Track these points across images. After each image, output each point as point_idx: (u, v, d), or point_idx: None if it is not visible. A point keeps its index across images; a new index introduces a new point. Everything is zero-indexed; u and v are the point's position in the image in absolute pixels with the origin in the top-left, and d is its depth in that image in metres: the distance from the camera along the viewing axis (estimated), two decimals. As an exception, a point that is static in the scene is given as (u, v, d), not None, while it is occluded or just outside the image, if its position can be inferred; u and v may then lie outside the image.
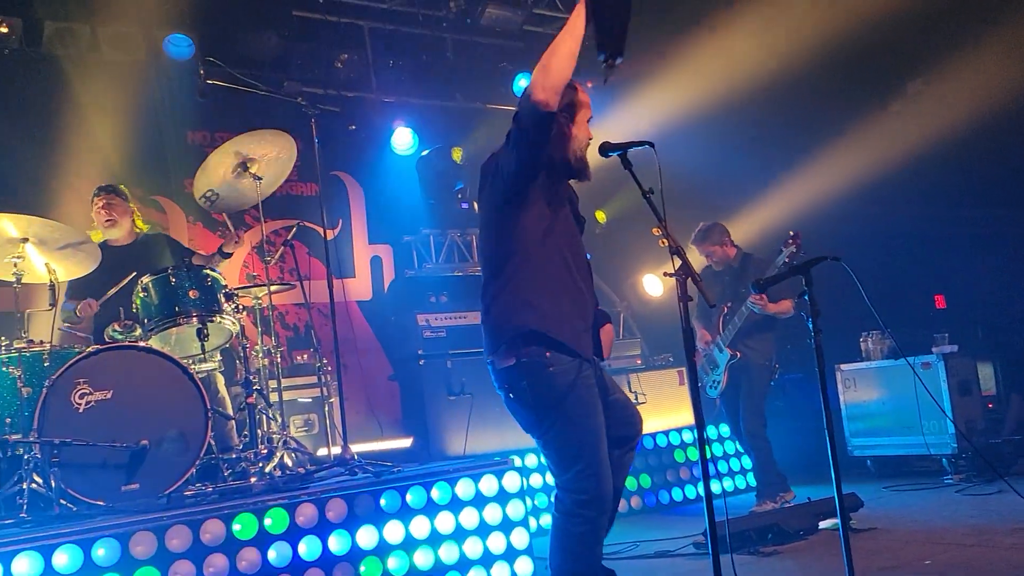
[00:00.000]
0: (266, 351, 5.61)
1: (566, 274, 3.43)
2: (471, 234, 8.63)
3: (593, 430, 3.34)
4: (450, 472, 4.67)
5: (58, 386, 4.33)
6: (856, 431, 7.60)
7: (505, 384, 3.42)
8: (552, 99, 3.19)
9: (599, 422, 3.36)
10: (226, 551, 3.93)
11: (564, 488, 3.40)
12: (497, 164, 3.45)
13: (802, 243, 5.86)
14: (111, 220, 5.68)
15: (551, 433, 3.38)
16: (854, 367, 7.62)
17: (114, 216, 5.70)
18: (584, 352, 3.41)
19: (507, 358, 3.37)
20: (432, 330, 7.17)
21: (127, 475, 4.36)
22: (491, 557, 4.63)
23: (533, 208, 3.41)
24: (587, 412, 3.34)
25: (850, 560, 3.38)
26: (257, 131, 5.34)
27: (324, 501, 4.23)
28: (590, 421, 3.34)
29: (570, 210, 3.55)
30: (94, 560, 3.66)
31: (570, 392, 3.30)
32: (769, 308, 6.05)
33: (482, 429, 6.76)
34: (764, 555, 4.88)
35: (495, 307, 3.44)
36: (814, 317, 3.49)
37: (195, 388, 4.63)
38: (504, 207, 3.44)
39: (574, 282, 3.44)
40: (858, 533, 5.14)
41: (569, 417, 3.32)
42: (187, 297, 4.96)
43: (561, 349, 3.33)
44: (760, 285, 3.90)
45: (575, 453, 3.33)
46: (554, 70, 3.17)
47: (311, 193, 8.23)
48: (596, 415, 3.36)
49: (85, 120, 7.16)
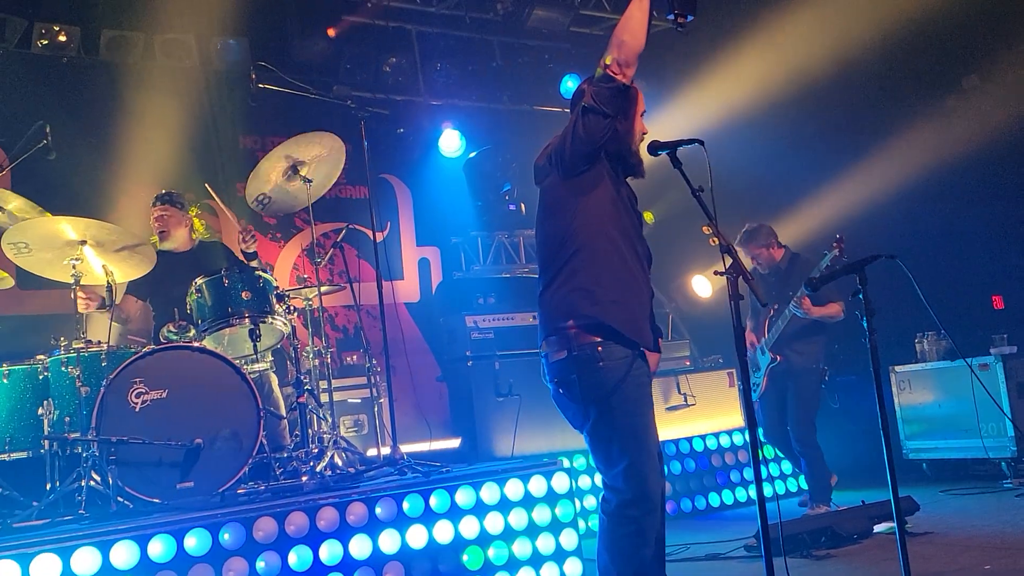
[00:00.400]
0: (316, 352, 5.67)
1: (627, 264, 3.35)
2: (519, 236, 8.64)
3: (640, 428, 3.26)
4: (499, 473, 4.67)
5: (115, 385, 4.42)
6: (912, 434, 7.46)
7: (556, 377, 3.37)
8: (627, 71, 3.19)
9: (648, 420, 3.28)
10: (278, 549, 3.98)
11: (609, 487, 3.34)
12: (560, 145, 3.38)
13: (845, 247, 5.72)
14: (164, 232, 5.76)
15: (597, 428, 3.30)
16: (909, 368, 7.48)
17: (167, 228, 5.76)
18: (642, 341, 3.34)
19: (559, 351, 3.32)
20: (480, 331, 7.18)
21: (182, 473, 4.43)
22: (540, 557, 4.63)
23: (595, 194, 3.35)
24: (635, 409, 3.27)
25: (906, 565, 3.32)
26: (307, 134, 5.40)
27: (374, 500, 4.26)
28: (638, 419, 3.27)
29: (628, 199, 3.50)
30: (150, 556, 3.73)
31: (619, 387, 3.23)
32: (813, 312, 5.94)
33: (530, 430, 6.76)
34: (817, 559, 4.82)
35: (552, 296, 3.38)
36: (869, 317, 3.43)
37: (247, 388, 4.70)
38: (566, 195, 3.38)
39: (636, 273, 3.38)
40: (914, 537, 5.05)
41: (616, 413, 3.26)
42: (240, 298, 5.03)
43: (618, 339, 3.27)
44: (813, 284, 3.83)
45: (620, 450, 3.26)
46: (628, 41, 3.17)
47: (360, 196, 8.30)
48: (645, 412, 3.29)
49: (140, 126, 7.31)
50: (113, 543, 3.67)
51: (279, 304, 5.22)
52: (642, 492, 3.24)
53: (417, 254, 8.75)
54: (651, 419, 3.31)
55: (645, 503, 3.25)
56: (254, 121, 7.78)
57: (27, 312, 6.62)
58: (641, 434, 3.26)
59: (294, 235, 8.07)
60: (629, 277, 3.35)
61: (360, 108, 5.52)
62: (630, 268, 3.35)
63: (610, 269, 3.31)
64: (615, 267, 3.32)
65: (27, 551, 3.52)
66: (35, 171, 5.90)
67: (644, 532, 3.28)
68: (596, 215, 3.34)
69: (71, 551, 3.59)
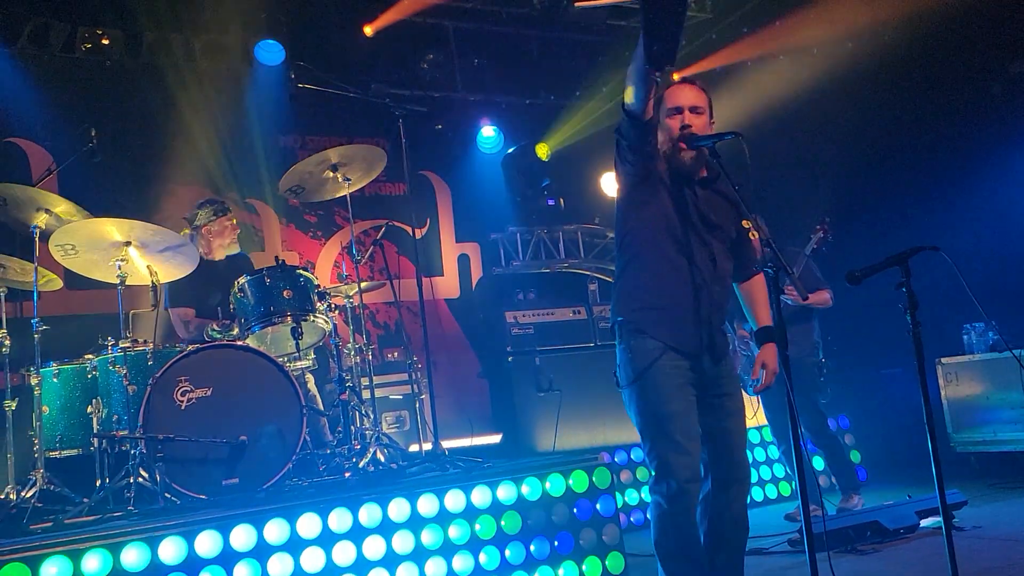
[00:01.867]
0: (358, 349, 5.71)
1: (673, 270, 3.51)
2: (558, 231, 8.63)
3: (664, 416, 3.44)
4: (540, 468, 4.68)
5: (161, 384, 4.50)
6: (959, 427, 7.34)
7: (615, 364, 3.63)
8: (640, 109, 3.30)
9: (673, 409, 3.44)
10: (322, 544, 4.02)
11: (646, 465, 3.59)
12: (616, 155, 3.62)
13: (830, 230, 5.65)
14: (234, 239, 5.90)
15: (630, 412, 3.56)
16: (956, 360, 7.36)
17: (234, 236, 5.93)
18: (672, 342, 3.48)
19: (616, 339, 3.62)
20: (520, 327, 7.20)
21: (227, 470, 4.50)
22: (582, 552, 4.62)
23: (646, 207, 3.55)
24: (658, 398, 3.45)
25: (953, 560, 3.27)
26: (351, 146, 5.42)
27: (416, 496, 4.29)
28: (661, 408, 3.44)
29: (693, 208, 3.52)
30: (196, 551, 3.79)
31: (645, 373, 3.45)
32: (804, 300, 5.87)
33: (571, 425, 6.77)
34: (862, 553, 4.77)
35: (613, 292, 3.71)
36: (912, 310, 3.38)
37: (291, 385, 4.76)
38: (624, 205, 3.65)
39: (681, 277, 3.50)
40: (962, 532, 4.97)
41: (641, 397, 3.49)
42: (281, 297, 5.09)
43: (651, 335, 3.49)
44: (854, 278, 3.76)
45: (643, 433, 3.51)
46: (631, 85, 3.28)
47: (399, 193, 8.35)
48: (668, 402, 3.44)
49: (182, 127, 7.41)
50: (161, 539, 3.74)
51: (320, 302, 5.27)
52: (661, 475, 3.45)
53: (457, 250, 8.78)
54: (677, 409, 3.45)
55: (664, 486, 3.45)
56: (293, 120, 7.85)
57: (75, 312, 6.76)
58: (664, 421, 3.44)
59: (334, 233, 8.13)
60: (673, 282, 3.51)
61: (398, 106, 5.55)
62: (678, 274, 3.50)
63: (653, 275, 3.54)
64: (659, 274, 3.53)
65: (78, 547, 3.59)
66: (81, 174, 6.00)
67: (671, 516, 3.48)
68: (646, 225, 3.55)
69: (121, 547, 3.66)
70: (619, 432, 6.62)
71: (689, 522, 3.52)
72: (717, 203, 3.57)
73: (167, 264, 5.07)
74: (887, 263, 3.48)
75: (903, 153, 8.18)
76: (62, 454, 4.86)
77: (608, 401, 6.88)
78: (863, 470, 7.17)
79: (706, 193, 3.58)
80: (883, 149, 8.26)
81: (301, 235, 8.02)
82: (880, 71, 7.88)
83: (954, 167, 7.88)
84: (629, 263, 3.62)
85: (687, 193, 3.56)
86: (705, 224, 3.55)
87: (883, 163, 8.26)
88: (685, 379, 3.49)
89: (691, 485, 3.49)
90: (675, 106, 3.54)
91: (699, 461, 3.52)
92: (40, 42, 7.03)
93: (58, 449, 4.86)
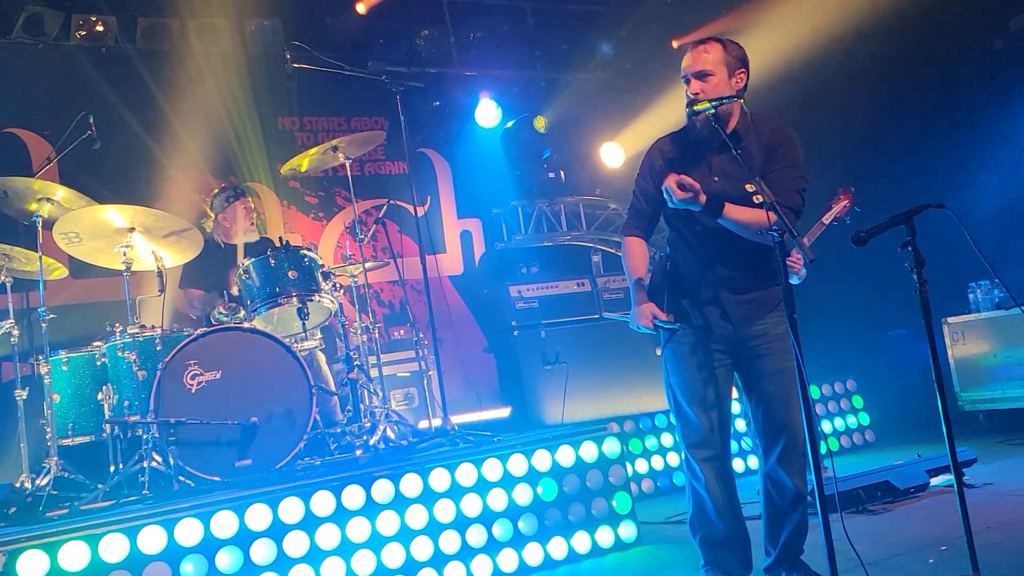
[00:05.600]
0: (364, 328, 5.72)
1: (682, 249, 3.66)
2: (559, 203, 8.61)
3: (676, 387, 3.66)
4: (550, 440, 4.70)
5: (171, 368, 4.52)
6: (967, 385, 7.34)
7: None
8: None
9: (682, 378, 3.63)
10: (337, 521, 4.05)
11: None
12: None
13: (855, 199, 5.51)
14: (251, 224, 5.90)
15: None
16: (962, 319, 7.34)
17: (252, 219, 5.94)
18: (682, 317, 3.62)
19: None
20: (524, 301, 7.20)
21: (239, 451, 4.53)
22: (594, 521, 4.66)
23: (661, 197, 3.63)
24: (671, 367, 3.68)
25: (966, 517, 3.27)
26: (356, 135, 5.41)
27: (428, 471, 4.31)
28: (674, 378, 3.67)
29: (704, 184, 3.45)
30: (213, 532, 3.82)
31: (665, 346, 3.71)
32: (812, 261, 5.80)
33: (579, 397, 6.79)
34: (874, 513, 4.79)
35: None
36: (918, 268, 3.37)
37: (299, 366, 4.77)
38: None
39: (688, 256, 3.63)
40: (973, 489, 4.99)
41: (663, 370, 3.73)
42: (286, 278, 5.09)
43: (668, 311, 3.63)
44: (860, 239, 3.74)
45: (668, 403, 3.73)
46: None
47: (399, 171, 8.32)
48: (679, 371, 3.64)
49: (180, 112, 7.38)
50: (177, 520, 3.77)
51: (325, 282, 5.27)
52: (681, 442, 3.69)
53: (459, 226, 8.77)
54: (686, 378, 3.61)
55: (684, 450, 3.68)
56: (291, 101, 7.82)
57: (81, 300, 6.77)
58: (677, 393, 3.66)
59: (336, 213, 8.12)
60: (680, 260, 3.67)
61: (395, 83, 5.53)
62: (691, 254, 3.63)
63: (672, 256, 3.72)
64: (676, 257, 3.69)
65: (95, 531, 3.62)
66: (81, 162, 5.99)
67: (689, 484, 3.70)
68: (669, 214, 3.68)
69: (137, 530, 3.69)
70: (627, 402, 6.65)
71: (706, 489, 3.59)
72: (733, 168, 3.48)
73: (172, 249, 5.07)
74: (892, 222, 3.46)
75: (906, 113, 8.12)
76: (75, 441, 4.88)
77: (615, 371, 6.91)
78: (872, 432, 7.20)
79: (722, 158, 3.52)
80: (886, 109, 8.20)
81: (303, 216, 8.01)
82: (881, 30, 7.80)
83: (958, 125, 7.83)
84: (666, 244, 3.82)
85: (699, 166, 3.54)
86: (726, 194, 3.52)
87: (886, 123, 8.21)
88: (704, 350, 3.58)
89: (697, 451, 3.59)
90: (683, 74, 3.54)
91: (710, 428, 3.56)
92: (35, 31, 6.99)
93: (70, 436, 4.88)
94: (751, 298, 3.57)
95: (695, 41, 3.58)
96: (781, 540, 3.59)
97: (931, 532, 4.21)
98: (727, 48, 3.51)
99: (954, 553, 3.71)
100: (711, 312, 3.58)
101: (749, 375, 3.61)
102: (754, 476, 3.84)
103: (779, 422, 3.53)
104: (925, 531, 4.27)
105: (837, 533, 3.09)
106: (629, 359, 6.95)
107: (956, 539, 3.45)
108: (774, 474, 3.57)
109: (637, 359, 6.91)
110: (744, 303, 3.57)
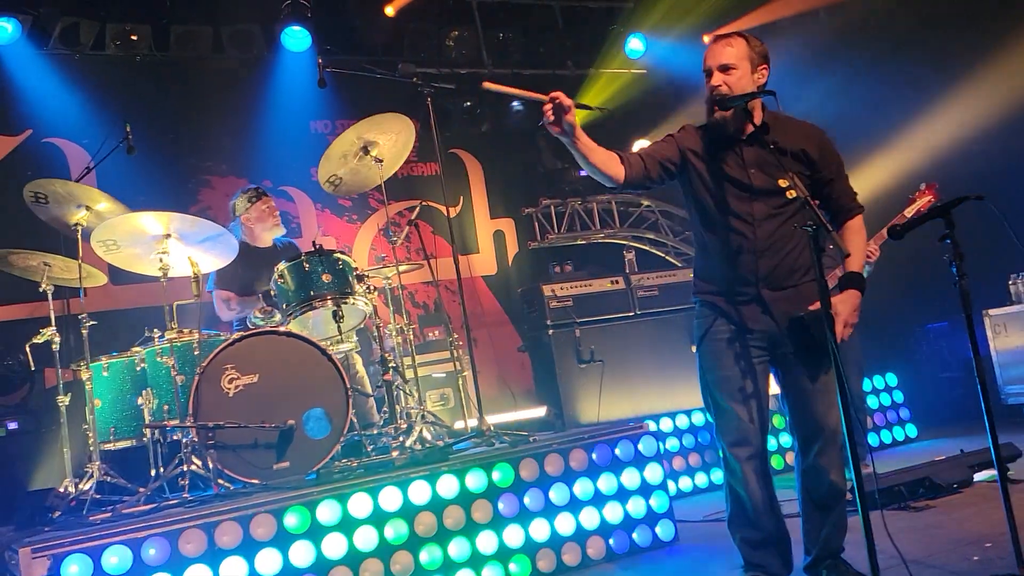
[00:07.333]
0: (399, 329, 5.74)
1: (715, 243, 3.59)
2: (591, 202, 8.58)
3: (711, 382, 3.57)
4: (586, 439, 4.69)
5: (209, 373, 4.56)
6: (1010, 378, 7.21)
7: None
8: (610, 183, 3.56)
9: (718, 375, 3.54)
10: (375, 523, 4.07)
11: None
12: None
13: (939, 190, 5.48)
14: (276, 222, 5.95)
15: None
16: (1004, 311, 7.21)
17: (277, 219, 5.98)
18: (716, 312, 3.56)
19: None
20: (558, 299, 7.17)
21: (277, 454, 4.56)
22: (632, 521, 4.64)
23: (689, 192, 3.66)
24: (708, 365, 3.59)
25: (1010, 513, 3.22)
26: (375, 116, 5.44)
27: (464, 472, 4.32)
28: (709, 374, 3.58)
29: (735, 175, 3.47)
30: (252, 535, 3.85)
31: (700, 342, 3.62)
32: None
33: (615, 395, 6.75)
34: (916, 510, 4.71)
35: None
36: (958, 261, 3.31)
37: (334, 368, 4.79)
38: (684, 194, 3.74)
39: (720, 249, 3.56)
40: (1017, 485, 4.90)
41: (698, 365, 3.64)
42: (321, 281, 5.12)
43: (704, 306, 3.64)
44: (896, 232, 3.70)
45: (704, 398, 3.64)
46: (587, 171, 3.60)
47: (431, 172, 8.35)
48: (714, 368, 3.56)
49: (213, 118, 7.47)
50: (217, 524, 3.81)
51: (359, 284, 5.29)
52: (719, 441, 3.58)
53: (491, 227, 8.78)
54: (722, 374, 3.53)
55: (722, 448, 3.57)
56: (323, 105, 7.88)
57: (120, 307, 6.87)
58: (714, 390, 3.56)
59: (369, 216, 8.17)
60: (719, 252, 3.57)
61: (426, 84, 5.52)
62: (722, 244, 3.55)
63: (700, 250, 3.69)
64: (707, 247, 3.63)
65: (137, 535, 3.67)
66: (118, 170, 6.07)
67: (727, 481, 3.61)
68: (692, 208, 3.66)
69: (178, 533, 3.73)
70: (663, 400, 6.61)
71: (745, 488, 3.51)
72: (766, 159, 3.46)
73: (207, 254, 5.12)
74: (930, 215, 3.41)
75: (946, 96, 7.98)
76: (116, 446, 4.95)
77: (650, 369, 6.87)
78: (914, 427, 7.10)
79: (754, 150, 3.50)
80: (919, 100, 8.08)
81: (336, 219, 8.07)
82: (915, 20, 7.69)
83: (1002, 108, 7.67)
84: (693, 232, 3.77)
85: (731, 158, 3.51)
86: (745, 189, 3.50)
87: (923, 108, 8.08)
88: (741, 344, 3.51)
89: (736, 449, 3.50)
90: (705, 68, 3.50)
91: (749, 425, 3.49)
92: (71, 42, 7.11)
93: (112, 441, 4.95)
94: (792, 293, 3.53)
95: (718, 35, 3.55)
96: (821, 538, 3.55)
97: (975, 529, 4.13)
98: (750, 44, 3.49)
99: (999, 550, 3.65)
100: (751, 308, 3.53)
101: (788, 370, 3.56)
102: (790, 473, 3.79)
103: (817, 417, 3.49)
104: (968, 528, 4.20)
105: (878, 530, 3.05)
106: (664, 356, 6.91)
107: (1000, 535, 3.38)
108: (813, 471, 3.53)
109: (673, 356, 6.86)
110: (785, 299, 3.53)
